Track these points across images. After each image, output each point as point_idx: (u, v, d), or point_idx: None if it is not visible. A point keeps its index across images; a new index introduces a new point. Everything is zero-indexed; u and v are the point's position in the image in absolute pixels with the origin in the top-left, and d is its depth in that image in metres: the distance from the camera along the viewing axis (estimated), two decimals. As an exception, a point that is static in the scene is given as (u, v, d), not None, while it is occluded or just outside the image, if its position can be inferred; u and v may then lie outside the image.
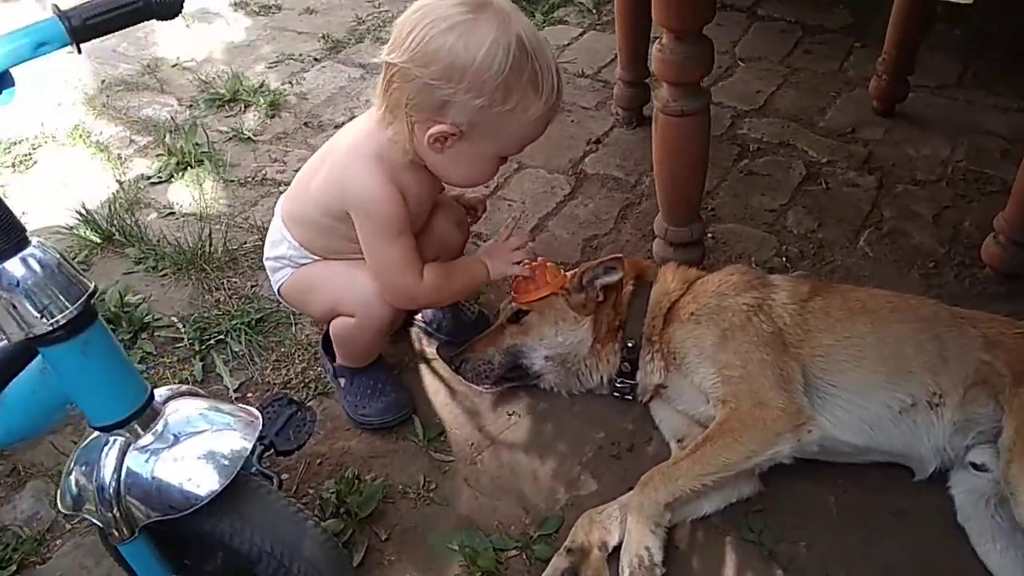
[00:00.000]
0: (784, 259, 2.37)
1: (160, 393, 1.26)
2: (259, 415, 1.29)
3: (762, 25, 3.68)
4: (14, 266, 1.04)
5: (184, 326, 2.21)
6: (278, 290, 1.91)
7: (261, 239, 2.53)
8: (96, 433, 1.24)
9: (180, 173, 2.84)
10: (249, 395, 2.03)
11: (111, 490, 1.18)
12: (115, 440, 1.19)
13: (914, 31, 2.74)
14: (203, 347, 2.15)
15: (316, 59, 3.55)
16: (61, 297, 1.07)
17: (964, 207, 2.55)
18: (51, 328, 1.06)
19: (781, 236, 2.46)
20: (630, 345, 1.87)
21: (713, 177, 2.49)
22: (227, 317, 2.22)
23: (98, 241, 2.52)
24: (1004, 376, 1.67)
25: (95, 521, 1.21)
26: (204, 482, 1.19)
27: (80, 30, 1.03)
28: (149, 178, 2.85)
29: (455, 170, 1.63)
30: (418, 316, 2.14)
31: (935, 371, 1.69)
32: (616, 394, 1.94)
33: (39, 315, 1.05)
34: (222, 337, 2.17)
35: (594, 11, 3.85)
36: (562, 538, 1.65)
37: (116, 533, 1.20)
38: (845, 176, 2.70)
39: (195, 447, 1.22)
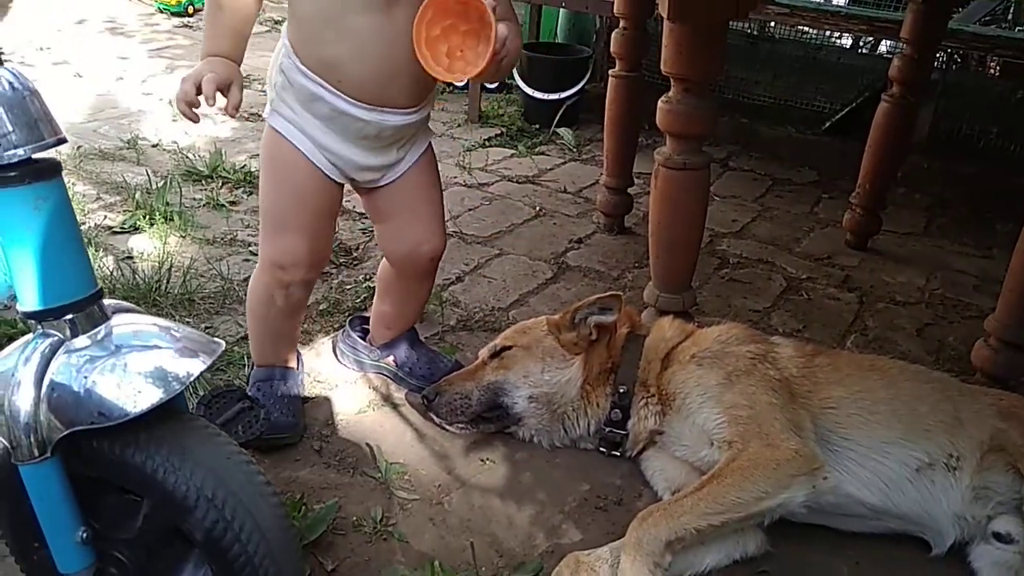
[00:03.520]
0: (772, 351, 2.27)
1: (111, 302, 1.07)
2: (222, 343, 1.10)
3: (734, 174, 3.86)
4: (-22, 80, 0.90)
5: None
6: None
7: (224, 287, 2.37)
8: (15, 344, 1.03)
9: (146, 226, 2.70)
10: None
11: (28, 397, 0.96)
12: (43, 338, 0.99)
13: (887, 163, 2.86)
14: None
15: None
16: (25, 130, 0.92)
17: (946, 327, 2.53)
18: (5, 162, 0.90)
19: (767, 333, 2.38)
20: (622, 390, 1.71)
21: (695, 280, 2.46)
22: (174, 352, 2.01)
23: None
24: (1021, 446, 1.57)
25: (-2, 437, 0.97)
26: (143, 394, 0.98)
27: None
28: (111, 228, 2.71)
29: None
30: (389, 359, 1.96)
31: (951, 432, 1.58)
32: (603, 449, 1.75)
33: (-5, 143, 0.90)
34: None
35: (574, 149, 3.99)
36: (542, 583, 1.41)
37: (23, 450, 0.96)
38: (825, 291, 2.70)
39: (139, 361, 1.01)
